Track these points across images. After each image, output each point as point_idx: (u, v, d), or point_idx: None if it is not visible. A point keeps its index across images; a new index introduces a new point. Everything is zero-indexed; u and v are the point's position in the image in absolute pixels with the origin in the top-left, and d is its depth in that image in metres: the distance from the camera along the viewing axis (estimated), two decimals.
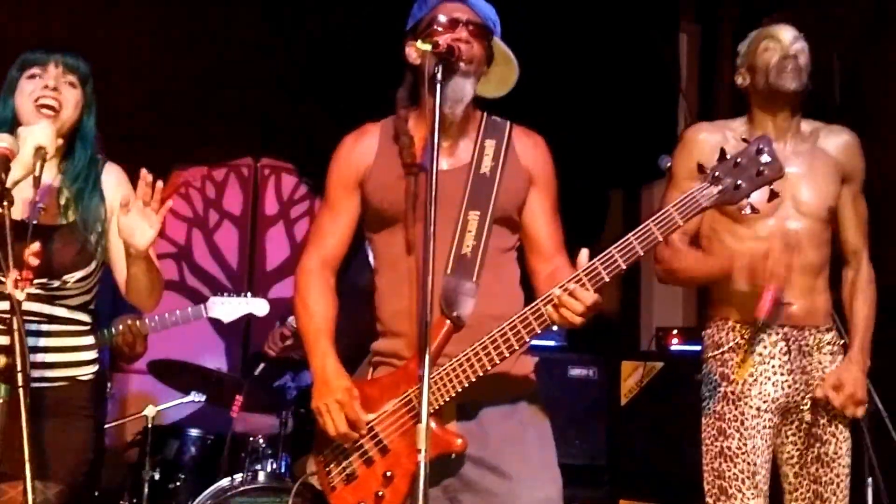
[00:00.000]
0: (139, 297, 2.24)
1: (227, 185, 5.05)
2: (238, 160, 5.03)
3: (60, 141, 2.14)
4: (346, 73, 4.35)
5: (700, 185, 1.86)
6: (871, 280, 2.57)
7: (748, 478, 2.41)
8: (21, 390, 1.83)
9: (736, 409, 2.44)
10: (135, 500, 3.36)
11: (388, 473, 1.99)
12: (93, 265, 2.16)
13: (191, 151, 4.82)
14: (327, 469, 2.07)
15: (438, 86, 1.91)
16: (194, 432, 3.62)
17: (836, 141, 2.54)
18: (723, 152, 1.87)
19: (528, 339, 1.94)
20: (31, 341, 2.02)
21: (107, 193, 2.20)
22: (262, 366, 3.35)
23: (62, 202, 2.16)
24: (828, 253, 2.53)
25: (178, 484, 3.49)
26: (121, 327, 3.03)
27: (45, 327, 2.12)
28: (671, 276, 2.57)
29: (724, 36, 4.75)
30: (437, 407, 1.96)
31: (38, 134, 2.05)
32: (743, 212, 1.87)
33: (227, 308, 3.21)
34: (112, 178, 2.24)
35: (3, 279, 1.98)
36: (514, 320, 1.92)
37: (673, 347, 3.99)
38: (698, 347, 3.95)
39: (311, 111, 4.44)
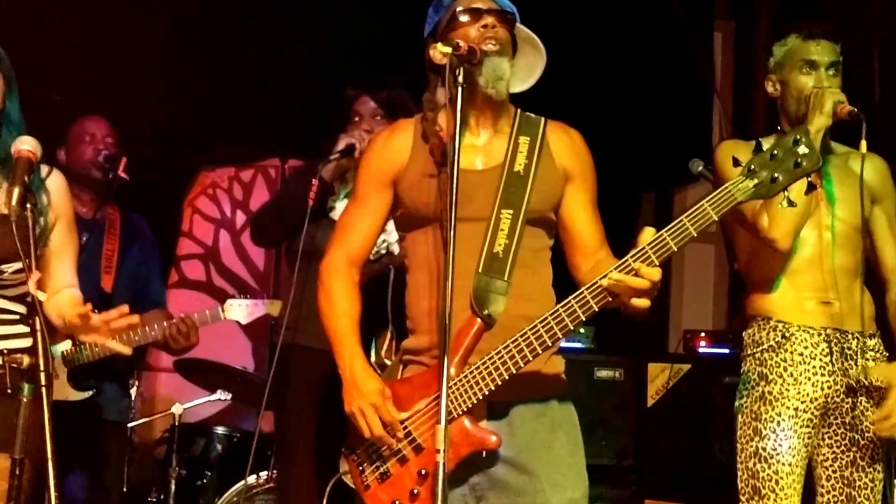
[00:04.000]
0: (52, 323, 2.17)
1: (255, 186, 5.07)
2: (265, 161, 5.05)
3: None
4: (374, 75, 4.36)
5: (735, 178, 1.83)
6: None
7: (782, 478, 2.38)
8: (44, 389, 1.84)
9: (773, 409, 2.42)
10: (162, 497, 3.39)
11: (423, 471, 1.98)
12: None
13: (218, 152, 4.85)
14: (360, 468, 2.06)
15: (460, 88, 1.90)
16: (221, 430, 3.64)
17: (868, 165, 2.48)
18: (759, 144, 1.84)
19: (561, 337, 1.92)
20: None
21: (53, 196, 2.16)
22: None
23: (12, 199, 2.06)
24: (863, 261, 2.50)
25: (204, 481, 3.52)
26: (173, 320, 3.03)
27: None
28: (782, 219, 2.37)
29: (760, 33, 4.68)
30: (469, 406, 1.95)
31: None
32: (780, 205, 1.84)
33: (244, 310, 3.22)
34: (56, 183, 2.20)
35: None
36: (546, 318, 1.91)
37: (701, 350, 3.97)
38: (726, 350, 4.01)
39: (338, 112, 4.45)
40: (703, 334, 4.00)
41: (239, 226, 5.01)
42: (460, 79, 1.90)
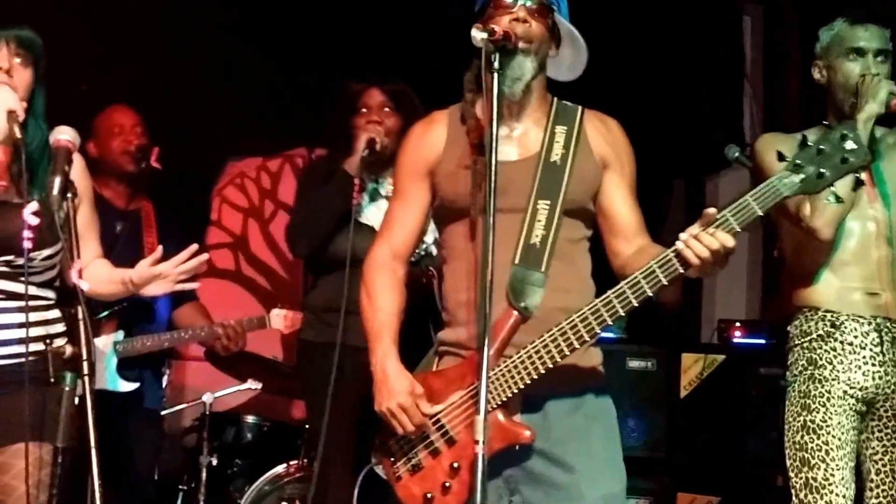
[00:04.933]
0: (97, 297, 2.23)
1: (282, 175, 5.07)
2: (292, 151, 5.05)
3: (23, 103, 2.10)
4: (403, 63, 4.34)
5: (781, 173, 1.80)
6: None
7: (832, 450, 2.34)
8: (86, 378, 1.85)
9: (822, 387, 2.38)
10: (192, 485, 3.40)
11: (455, 464, 1.97)
12: (59, 244, 2.12)
13: (246, 142, 4.86)
14: (392, 459, 2.06)
15: (496, 75, 1.87)
16: (251, 419, 3.65)
17: None
18: (804, 139, 1.80)
19: (599, 331, 1.90)
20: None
21: (75, 178, 2.14)
22: None
23: (22, 181, 2.11)
24: None
25: (234, 470, 3.53)
26: (225, 325, 3.12)
27: (10, 304, 2.11)
28: (826, 209, 2.34)
29: (789, 16, 4.60)
30: (504, 399, 1.94)
31: (4, 99, 2.04)
32: (826, 200, 1.81)
33: (289, 321, 3.27)
34: (78, 165, 2.19)
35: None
36: (584, 311, 1.88)
37: (735, 340, 3.92)
38: (762, 340, 3.96)
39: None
40: (737, 324, 3.95)
41: (267, 215, 5.01)
42: (496, 65, 1.87)
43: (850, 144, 1.77)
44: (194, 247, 2.17)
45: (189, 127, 4.23)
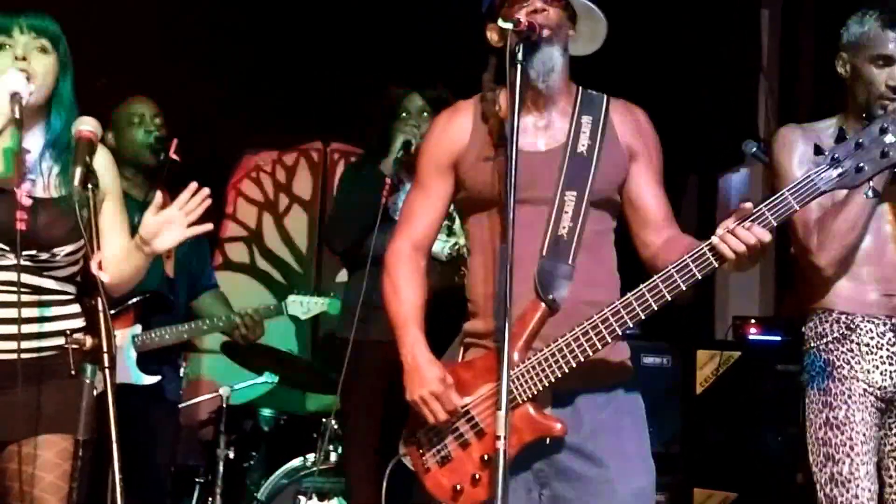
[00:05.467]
0: (121, 280, 2.19)
1: (298, 169, 5.09)
2: (308, 144, 5.06)
3: (45, 90, 2.08)
4: (419, 58, 4.34)
5: (818, 167, 1.77)
6: None
7: (857, 444, 2.33)
8: (107, 371, 1.85)
9: (843, 384, 2.37)
10: (209, 478, 3.42)
11: (486, 457, 1.96)
12: (82, 241, 2.10)
13: (262, 136, 4.87)
14: (420, 451, 2.05)
15: (520, 66, 1.86)
16: (267, 412, 3.67)
17: None
18: (842, 132, 1.78)
19: (631, 325, 1.89)
20: (21, 312, 2.02)
21: (100, 174, 2.14)
22: None
23: (51, 175, 2.11)
24: None
25: (251, 462, 3.54)
26: (242, 314, 3.12)
27: (32, 298, 2.10)
28: (834, 240, 2.33)
29: (807, 9, 4.56)
30: (535, 392, 1.93)
31: (10, 82, 2.02)
32: (865, 194, 1.79)
33: (304, 307, 3.28)
34: (102, 160, 2.19)
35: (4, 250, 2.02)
36: (616, 305, 1.87)
37: (751, 337, 3.90)
38: (778, 338, 3.94)
39: (381, 95, 4.44)
40: (753, 321, 3.94)
41: (282, 209, 5.03)
42: (519, 56, 1.86)
43: (889, 138, 1.73)
44: (194, 185, 2.13)
45: (205, 120, 4.24)
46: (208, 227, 2.15)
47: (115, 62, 3.97)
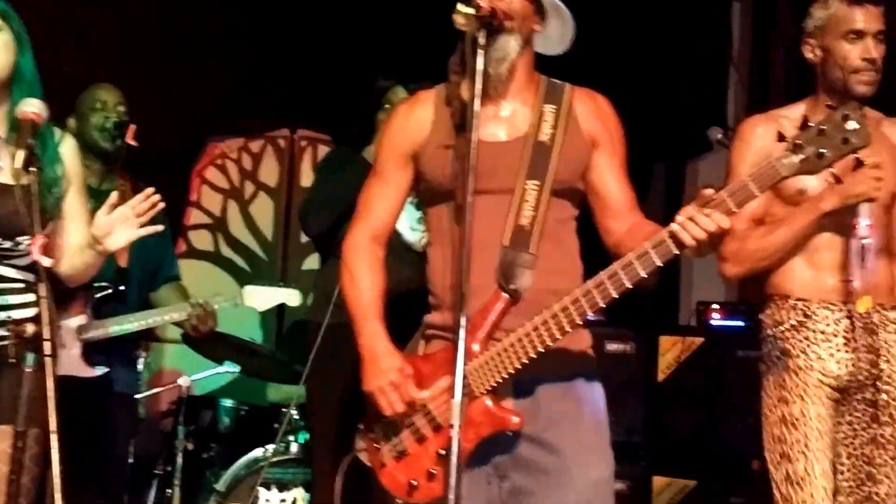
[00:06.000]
0: (75, 272, 2.21)
1: (264, 156, 5.04)
2: (275, 132, 5.01)
3: (3, 69, 2.05)
4: (386, 44, 4.30)
5: (781, 153, 1.76)
6: None
7: (811, 441, 2.34)
8: (48, 359, 1.82)
9: (798, 377, 2.38)
10: (168, 469, 3.38)
11: (442, 451, 1.92)
12: (47, 229, 2.08)
13: (227, 123, 4.81)
14: (377, 446, 2.03)
15: (481, 51, 1.84)
16: (228, 403, 3.64)
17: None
18: (805, 120, 1.77)
19: (590, 313, 1.88)
20: None
21: (65, 162, 2.14)
22: None
23: (15, 161, 2.06)
24: (885, 238, 2.44)
25: (211, 454, 3.51)
26: (193, 304, 3.06)
27: None
28: (746, 260, 2.42)
29: (780, 3, 4.56)
30: (494, 384, 1.92)
31: None
32: (826, 181, 1.79)
33: (262, 297, 3.22)
34: (68, 149, 2.18)
35: None
36: (575, 294, 1.86)
37: (714, 322, 3.91)
38: (741, 323, 3.95)
39: (349, 83, 4.40)
40: (716, 306, 3.94)
41: (248, 196, 4.98)
42: (481, 41, 1.84)
43: (851, 125, 1.73)
44: (150, 190, 2.18)
45: (169, 106, 4.18)
46: (159, 228, 2.21)
47: (79, 48, 3.91)
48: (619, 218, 2.04)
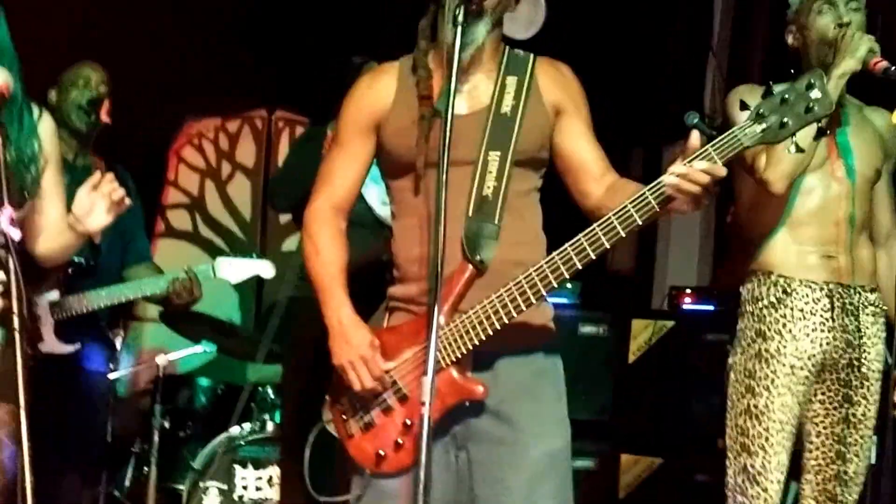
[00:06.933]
0: (52, 253, 2.22)
1: (241, 136, 5.03)
2: (252, 112, 5.00)
3: None
4: (364, 25, 4.30)
5: (743, 122, 1.75)
6: None
7: (772, 436, 2.36)
8: (17, 334, 1.78)
9: (768, 366, 2.38)
10: (145, 447, 3.40)
11: (408, 422, 1.95)
12: (25, 208, 2.07)
13: (204, 102, 4.80)
14: (344, 417, 2.04)
15: (459, 28, 1.83)
16: (205, 382, 3.65)
17: (882, 119, 2.48)
18: (769, 88, 1.75)
19: (556, 285, 1.87)
20: None
21: (43, 139, 2.11)
22: None
23: None
24: (870, 214, 2.47)
25: (188, 432, 3.53)
26: (179, 276, 3.03)
27: None
28: (782, 161, 2.30)
29: None
30: (458, 356, 1.92)
31: None
32: (788, 151, 1.77)
33: (234, 269, 3.20)
34: (46, 127, 2.16)
35: None
36: (541, 265, 1.86)
37: (685, 306, 3.97)
38: (711, 307, 4.02)
39: (328, 64, 4.40)
40: (688, 291, 4.00)
41: (225, 176, 4.98)
42: (460, 18, 1.83)
43: (815, 93, 1.70)
44: (110, 175, 2.19)
45: (146, 85, 4.17)
46: (129, 202, 2.24)
47: (58, 25, 3.88)
48: (595, 180, 2.01)
